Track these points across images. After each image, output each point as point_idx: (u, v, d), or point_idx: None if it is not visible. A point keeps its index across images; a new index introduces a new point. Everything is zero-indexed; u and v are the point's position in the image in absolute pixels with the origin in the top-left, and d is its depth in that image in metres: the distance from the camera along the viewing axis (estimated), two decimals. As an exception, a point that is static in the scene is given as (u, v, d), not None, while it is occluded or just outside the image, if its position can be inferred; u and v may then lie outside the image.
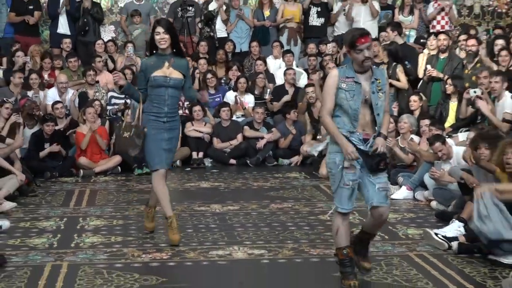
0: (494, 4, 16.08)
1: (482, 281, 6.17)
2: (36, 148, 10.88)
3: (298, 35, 14.33)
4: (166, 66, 6.88)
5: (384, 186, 5.63)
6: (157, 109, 6.90)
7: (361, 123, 5.55)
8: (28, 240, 7.45)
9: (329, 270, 6.45)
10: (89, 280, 6.13)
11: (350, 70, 5.54)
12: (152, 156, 6.97)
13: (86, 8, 13.74)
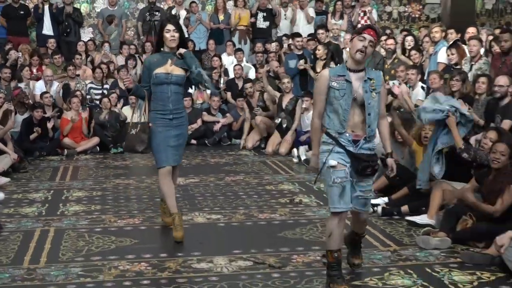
0: (409, 10, 16.25)
1: (400, 238, 6.27)
2: (26, 131, 10.78)
3: (247, 36, 14.35)
4: (169, 63, 6.08)
5: (364, 195, 4.82)
6: (162, 107, 6.08)
7: (350, 124, 4.70)
8: (20, 209, 7.41)
9: (275, 231, 6.49)
10: (72, 242, 6.12)
11: (343, 69, 4.79)
12: (159, 153, 6.12)
13: (68, 13, 13.65)
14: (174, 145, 6.12)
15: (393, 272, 5.33)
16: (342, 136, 4.71)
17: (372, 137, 4.78)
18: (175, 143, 6.11)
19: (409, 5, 16.28)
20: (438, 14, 16.18)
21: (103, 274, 5.27)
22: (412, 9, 16.29)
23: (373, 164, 4.74)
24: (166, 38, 6.06)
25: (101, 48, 13.56)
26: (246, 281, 5.11)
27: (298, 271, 5.34)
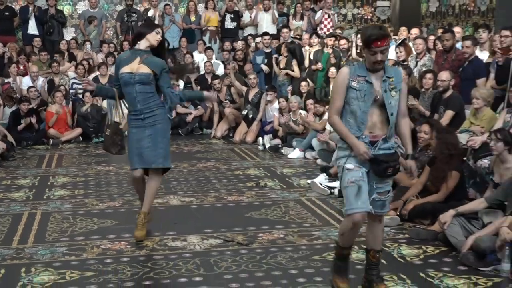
0: (362, 12, 16.32)
1: (354, 217, 6.31)
2: (14, 122, 10.66)
3: (216, 35, 14.32)
4: (137, 61, 5.27)
5: (382, 197, 4.13)
6: (132, 107, 5.36)
7: (368, 125, 4.04)
8: (9, 194, 7.33)
9: (243, 212, 6.51)
10: (58, 224, 6.09)
11: (362, 69, 4.06)
12: (131, 155, 5.42)
13: (52, 14, 13.50)
14: (149, 146, 5.33)
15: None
16: (359, 139, 4.03)
17: (391, 136, 4.13)
18: (149, 143, 5.32)
19: (362, 8, 16.35)
20: (388, 16, 16.29)
21: (86, 253, 5.25)
22: (365, 11, 16.36)
23: (393, 164, 4.07)
24: (153, 38, 5.37)
25: (83, 46, 13.45)
26: (217, 257, 5.11)
27: (264, 248, 5.36)
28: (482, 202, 5.50)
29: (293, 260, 5.06)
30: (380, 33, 3.92)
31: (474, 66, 7.99)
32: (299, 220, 6.23)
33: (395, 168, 4.10)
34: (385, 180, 4.15)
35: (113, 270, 4.82)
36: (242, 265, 4.94)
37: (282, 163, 9.15)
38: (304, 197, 7.10)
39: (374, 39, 3.90)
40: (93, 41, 13.65)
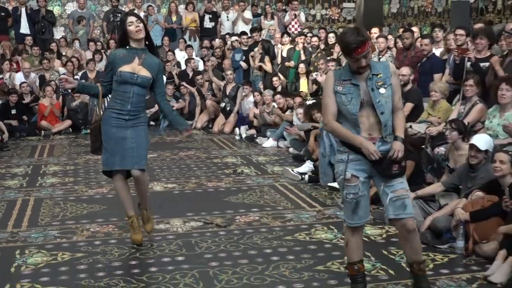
0: (330, 13, 16.36)
1: (324, 200, 6.36)
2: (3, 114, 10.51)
3: (196, 34, 14.27)
4: (137, 62, 4.64)
5: (398, 195, 3.58)
6: (120, 106, 4.64)
7: (365, 127, 3.59)
8: (4, 182, 7.27)
9: (221, 197, 6.51)
10: (50, 209, 6.05)
11: (347, 72, 3.62)
12: (111, 155, 4.70)
13: (43, 14, 13.37)
14: (131, 147, 4.67)
15: (318, 228, 5.40)
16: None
17: (390, 136, 3.62)
18: (132, 144, 4.67)
19: (330, 9, 16.39)
20: (353, 16, 16.33)
21: (77, 235, 5.22)
22: (332, 12, 16.40)
23: (398, 160, 3.55)
24: (131, 31, 4.61)
25: (72, 44, 13.33)
26: (198, 238, 5.11)
27: (241, 229, 5.37)
28: (439, 186, 5.57)
29: (267, 240, 5.07)
30: (359, 39, 3.43)
31: (432, 62, 8.06)
32: (273, 203, 6.24)
33: (400, 165, 3.58)
34: (392, 179, 3.60)
35: (101, 251, 4.80)
36: (221, 245, 4.94)
37: (257, 152, 9.16)
38: (278, 183, 7.11)
39: (354, 47, 3.44)
40: (81, 40, 13.55)
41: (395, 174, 3.59)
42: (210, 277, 4.28)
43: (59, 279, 4.28)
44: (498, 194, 4.78)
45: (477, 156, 5.15)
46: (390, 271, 4.39)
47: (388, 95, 3.58)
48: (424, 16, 13.77)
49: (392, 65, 3.76)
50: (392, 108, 3.62)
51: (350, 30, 3.55)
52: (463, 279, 4.26)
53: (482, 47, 7.00)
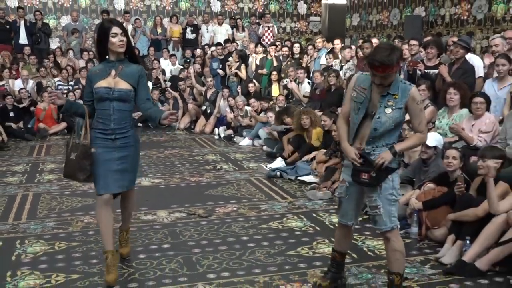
0: (298, 26, 16.40)
1: (294, 192, 6.38)
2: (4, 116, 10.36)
3: (179, 45, 14.20)
4: (113, 75, 3.84)
5: (370, 211, 3.43)
6: (103, 125, 3.86)
7: (359, 136, 3.39)
8: (5, 178, 7.16)
9: (202, 190, 6.49)
10: (47, 203, 5.98)
11: (368, 81, 3.35)
12: (98, 178, 3.89)
13: (39, 27, 13.13)
14: (118, 169, 3.89)
15: (290, 217, 5.42)
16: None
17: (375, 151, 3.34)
18: (118, 166, 3.89)
19: (298, 22, 16.43)
20: (319, 28, 16.39)
21: (72, 226, 5.17)
22: (300, 25, 16.45)
23: (367, 170, 3.29)
24: (113, 43, 3.80)
25: (66, 54, 13.16)
26: (182, 228, 5.09)
27: (220, 219, 5.35)
28: (395, 179, 5.59)
29: (244, 228, 5.07)
30: (385, 62, 3.13)
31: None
32: (249, 196, 6.25)
33: (371, 176, 3.28)
34: (370, 191, 3.38)
35: (94, 241, 4.75)
36: (203, 233, 4.93)
37: (235, 150, 9.15)
38: (253, 177, 7.11)
39: (375, 66, 3.18)
40: (75, 49, 13.38)
41: (363, 182, 3.33)
42: (193, 262, 4.27)
43: (56, 266, 4.23)
44: (447, 186, 4.84)
45: (427, 152, 5.22)
46: (353, 255, 4.41)
47: (391, 116, 3.28)
48: (381, 29, 13.88)
49: (415, 92, 3.35)
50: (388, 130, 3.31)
51: (385, 47, 3.23)
52: (417, 261, 4.31)
53: (432, 56, 7.07)
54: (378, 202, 3.36)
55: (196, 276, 4.00)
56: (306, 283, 3.88)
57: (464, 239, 4.27)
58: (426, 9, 12.04)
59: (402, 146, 3.38)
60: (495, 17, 10.14)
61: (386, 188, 3.36)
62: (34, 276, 4.03)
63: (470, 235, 4.25)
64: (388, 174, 3.34)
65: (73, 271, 4.12)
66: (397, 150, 3.32)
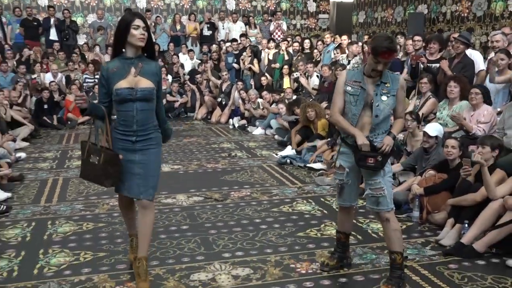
0: (308, 23, 16.30)
1: (303, 178, 6.36)
2: (39, 108, 10.43)
3: (197, 41, 14.15)
4: (133, 73, 3.31)
5: (373, 193, 3.38)
6: (124, 127, 3.36)
7: (358, 126, 3.37)
8: (37, 164, 7.21)
9: (218, 176, 6.49)
10: (76, 187, 6.02)
11: (359, 74, 3.39)
12: (123, 178, 3.43)
13: (67, 24, 13.16)
14: (137, 173, 3.39)
15: (299, 202, 5.41)
16: (348, 137, 3.45)
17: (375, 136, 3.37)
18: (139, 170, 3.39)
19: (308, 19, 16.32)
20: (327, 25, 16.27)
21: (98, 208, 5.20)
22: (310, 22, 16.33)
23: (371, 155, 3.30)
24: (134, 35, 3.27)
25: (93, 49, 13.19)
26: (199, 210, 5.10)
27: (235, 203, 5.36)
28: (398, 166, 5.58)
29: (257, 211, 5.08)
30: (391, 47, 3.20)
31: (392, 64, 7.95)
32: (261, 181, 6.24)
33: (377, 160, 3.29)
34: (372, 174, 3.37)
35: (119, 222, 4.78)
36: (219, 216, 4.94)
37: (248, 138, 9.14)
38: (265, 164, 7.11)
39: (383, 51, 3.21)
40: (101, 45, 13.39)
41: (370, 166, 3.32)
42: (209, 242, 4.28)
43: (84, 244, 4.27)
44: (447, 173, 4.80)
45: (429, 141, 5.18)
46: (358, 236, 4.41)
47: (388, 103, 3.35)
48: (386, 25, 13.74)
49: (403, 80, 3.47)
50: (395, 115, 3.46)
51: (385, 36, 3.30)
52: (418, 243, 4.30)
53: (434, 51, 6.99)
54: (382, 184, 3.36)
55: (213, 255, 4.02)
56: (315, 263, 3.88)
57: (462, 223, 4.25)
58: (428, 6, 11.88)
59: (397, 130, 3.45)
60: (494, 14, 9.99)
61: (387, 171, 3.42)
62: (64, 254, 4.08)
63: (468, 219, 4.23)
64: (389, 158, 3.39)
65: (100, 249, 4.15)
66: (395, 134, 3.40)
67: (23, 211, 5.14)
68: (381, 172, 3.37)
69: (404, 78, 7.48)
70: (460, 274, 3.70)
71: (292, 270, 3.75)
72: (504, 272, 3.73)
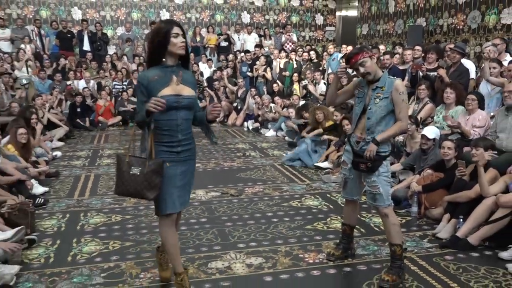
0: (316, 34, 16.24)
1: (311, 176, 6.33)
2: (73, 111, 10.52)
3: (215, 51, 14.17)
4: (175, 81, 2.91)
5: (370, 189, 3.37)
6: (169, 138, 2.94)
7: (359, 127, 3.38)
8: (71, 162, 7.27)
9: (234, 173, 6.48)
10: (106, 183, 6.05)
11: (364, 81, 3.40)
12: (164, 196, 2.94)
13: (99, 36, 13.27)
14: (180, 185, 3.00)
15: (307, 197, 5.39)
16: (351, 137, 3.46)
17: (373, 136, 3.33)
18: (181, 182, 2.99)
19: (316, 31, 16.27)
20: (333, 37, 16.22)
21: (126, 202, 5.22)
22: (317, 34, 16.28)
23: (364, 161, 3.32)
24: (175, 44, 2.88)
25: (121, 58, 13.28)
26: (216, 205, 5.10)
27: (249, 198, 5.36)
28: (398, 166, 5.54)
29: (269, 206, 5.07)
30: (353, 52, 3.33)
31: (393, 72, 7.93)
32: (273, 178, 6.23)
33: (367, 166, 3.32)
34: (369, 175, 3.36)
35: (144, 214, 4.81)
36: (234, 210, 4.94)
37: (261, 140, 9.13)
38: (276, 163, 7.09)
39: (349, 58, 3.34)
40: (128, 55, 13.48)
41: (363, 170, 3.38)
42: (226, 233, 4.28)
43: (113, 235, 4.29)
44: (443, 172, 4.76)
45: (427, 143, 5.14)
46: (361, 230, 4.38)
47: (380, 105, 3.27)
48: (387, 37, 13.65)
49: (399, 84, 3.30)
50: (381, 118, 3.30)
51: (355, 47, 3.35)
52: (416, 236, 4.26)
53: (432, 60, 6.93)
54: (377, 183, 3.35)
55: (228, 245, 4.02)
56: (321, 253, 3.86)
57: (458, 218, 4.20)
58: (426, 19, 11.78)
59: (383, 136, 3.30)
60: (487, 27, 9.88)
61: (382, 171, 3.36)
62: (95, 243, 4.10)
63: (463, 214, 4.18)
64: (382, 160, 3.35)
65: (127, 239, 4.17)
66: (378, 140, 3.29)
67: (59, 204, 5.19)
68: (375, 172, 3.35)
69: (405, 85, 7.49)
70: (455, 265, 3.66)
71: (300, 260, 3.74)
72: (496, 264, 3.68)
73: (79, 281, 3.40)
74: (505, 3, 9.42)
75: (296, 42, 14.14)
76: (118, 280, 3.43)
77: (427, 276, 3.48)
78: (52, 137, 8.54)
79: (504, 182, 4.14)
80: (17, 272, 3.44)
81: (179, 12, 15.04)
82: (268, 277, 3.46)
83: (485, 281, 3.40)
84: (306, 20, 16.14)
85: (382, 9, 13.94)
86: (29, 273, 3.53)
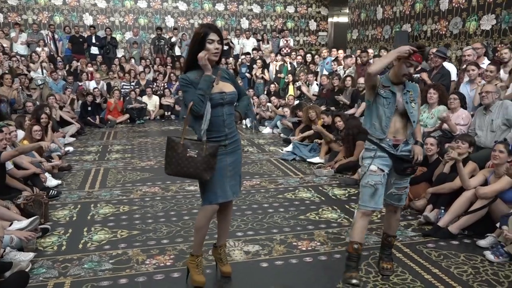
0: (309, 39, 16.21)
1: (304, 170, 6.32)
2: (84, 110, 10.47)
3: (216, 54, 14.11)
4: (216, 80, 2.85)
5: (399, 192, 3.16)
6: (217, 133, 2.89)
7: (392, 130, 3.05)
8: (82, 156, 7.24)
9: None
10: (114, 176, 6.03)
11: (387, 80, 3.09)
12: (214, 187, 2.93)
13: (108, 40, 13.22)
14: (230, 175, 3.00)
15: (301, 190, 5.39)
16: (383, 141, 3.07)
17: (411, 140, 3.12)
18: (230, 172, 3.00)
19: (309, 36, 16.24)
20: (325, 41, 16.18)
21: (133, 194, 5.21)
22: (311, 38, 16.25)
23: (413, 165, 3.09)
24: (208, 50, 2.81)
25: (129, 61, 13.24)
26: (217, 196, 5.09)
27: (247, 190, 5.34)
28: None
29: (265, 198, 5.07)
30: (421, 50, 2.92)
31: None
32: (269, 172, 6.23)
33: (413, 169, 3.10)
34: (403, 178, 3.15)
35: (150, 205, 4.80)
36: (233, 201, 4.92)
37: (258, 136, 9.12)
38: (272, 158, 7.09)
39: (420, 47, 2.94)
40: (136, 58, 13.44)
41: (408, 174, 3.12)
42: (225, 223, 4.27)
43: (121, 224, 4.28)
44: (426, 166, 4.76)
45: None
46: (350, 219, 4.38)
47: (416, 109, 3.08)
48: (376, 41, 13.62)
49: (419, 89, 3.20)
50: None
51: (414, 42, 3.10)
52: (401, 225, 4.25)
53: (416, 63, 6.91)
54: (407, 184, 3.20)
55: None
56: (313, 241, 3.86)
57: (439, 208, 4.21)
58: (412, 25, 11.77)
59: (420, 137, 3.20)
60: (468, 32, 9.87)
61: None
62: (104, 232, 4.10)
63: (444, 205, 4.19)
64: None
65: (134, 228, 4.16)
66: (422, 141, 3.18)
67: (71, 196, 5.18)
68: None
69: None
70: (437, 252, 3.67)
71: (294, 247, 3.74)
72: (474, 251, 3.69)
73: (89, 267, 3.40)
74: (485, 10, 9.41)
75: (293, 47, 14.13)
76: (125, 266, 3.42)
77: (411, 262, 3.49)
78: (64, 134, 8.52)
79: (483, 176, 4.15)
80: (32, 259, 3.44)
81: (183, 18, 14.98)
82: (264, 263, 3.46)
83: (464, 267, 3.41)
84: (300, 26, 16.10)
85: (371, 16, 13.91)
86: (43, 260, 3.52)
